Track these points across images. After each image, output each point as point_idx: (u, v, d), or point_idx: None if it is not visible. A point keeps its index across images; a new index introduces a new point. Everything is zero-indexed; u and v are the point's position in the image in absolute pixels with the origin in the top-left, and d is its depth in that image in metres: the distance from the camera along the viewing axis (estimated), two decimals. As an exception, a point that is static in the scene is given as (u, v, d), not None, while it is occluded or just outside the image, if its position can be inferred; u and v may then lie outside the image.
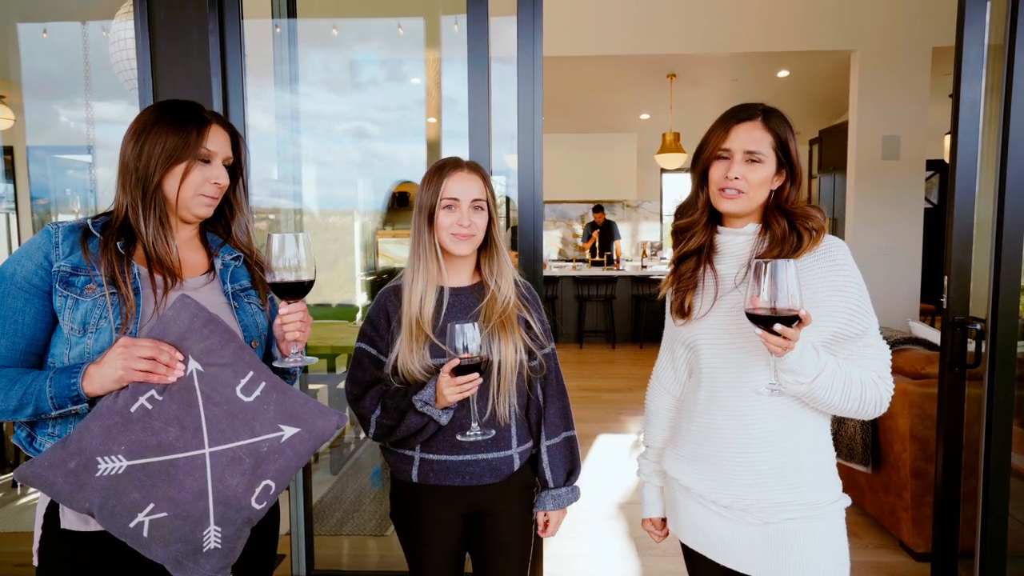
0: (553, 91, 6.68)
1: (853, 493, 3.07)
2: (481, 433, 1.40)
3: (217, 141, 1.24)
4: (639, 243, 9.57)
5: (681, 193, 9.79)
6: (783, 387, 1.18)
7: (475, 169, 1.46)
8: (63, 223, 1.21)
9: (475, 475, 1.45)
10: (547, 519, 1.55)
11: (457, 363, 1.28)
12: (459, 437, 1.41)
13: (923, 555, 2.69)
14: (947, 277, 2.11)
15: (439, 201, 1.42)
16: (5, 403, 1.12)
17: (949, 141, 2.10)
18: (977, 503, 2.09)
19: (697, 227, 1.35)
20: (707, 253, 1.35)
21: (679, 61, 6.04)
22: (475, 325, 1.30)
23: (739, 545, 1.29)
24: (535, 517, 1.55)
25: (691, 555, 1.41)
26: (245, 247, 1.36)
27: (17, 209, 4.77)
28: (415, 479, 1.47)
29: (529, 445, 1.53)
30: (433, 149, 3.63)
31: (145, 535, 1.08)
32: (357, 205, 4.86)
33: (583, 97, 7.45)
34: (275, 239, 1.17)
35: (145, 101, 2.08)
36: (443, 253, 1.44)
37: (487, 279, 1.49)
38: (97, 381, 1.08)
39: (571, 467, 1.55)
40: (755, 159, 1.25)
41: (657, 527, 1.52)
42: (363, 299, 4.88)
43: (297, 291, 1.19)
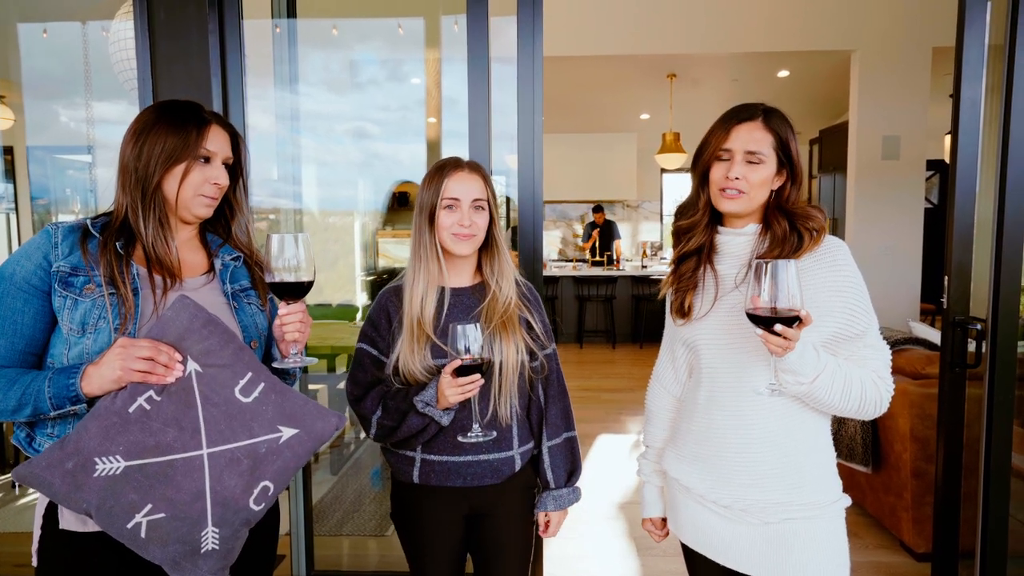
0: (553, 91, 6.67)
1: (853, 493, 3.07)
2: (482, 434, 1.39)
3: (217, 141, 1.24)
4: (639, 243, 9.57)
5: (681, 193, 9.79)
6: (783, 387, 1.17)
7: (476, 169, 1.45)
8: (62, 223, 1.21)
9: (476, 476, 1.45)
10: (548, 520, 1.54)
11: (459, 364, 1.28)
12: (460, 438, 1.41)
13: (923, 555, 2.68)
14: (947, 277, 2.10)
15: (440, 201, 1.41)
16: (4, 403, 1.12)
17: (949, 141, 2.10)
18: (977, 503, 2.09)
19: (698, 227, 1.34)
20: (707, 253, 1.34)
21: (679, 61, 6.04)
22: (477, 326, 1.29)
23: (739, 545, 1.29)
24: (536, 518, 1.55)
25: (691, 555, 1.41)
26: (245, 247, 1.36)
27: (17, 209, 4.77)
28: (416, 480, 1.46)
29: (530, 446, 1.53)
30: (433, 149, 3.63)
31: (143, 536, 1.08)
32: (357, 205, 4.85)
33: (583, 97, 7.44)
34: (274, 239, 1.17)
35: (145, 101, 2.08)
36: (444, 253, 1.44)
37: (488, 279, 1.49)
38: (96, 381, 1.08)
39: (572, 468, 1.55)
40: (756, 159, 1.25)
41: (657, 527, 1.52)
42: (363, 299, 4.87)
43: (296, 291, 1.19)
